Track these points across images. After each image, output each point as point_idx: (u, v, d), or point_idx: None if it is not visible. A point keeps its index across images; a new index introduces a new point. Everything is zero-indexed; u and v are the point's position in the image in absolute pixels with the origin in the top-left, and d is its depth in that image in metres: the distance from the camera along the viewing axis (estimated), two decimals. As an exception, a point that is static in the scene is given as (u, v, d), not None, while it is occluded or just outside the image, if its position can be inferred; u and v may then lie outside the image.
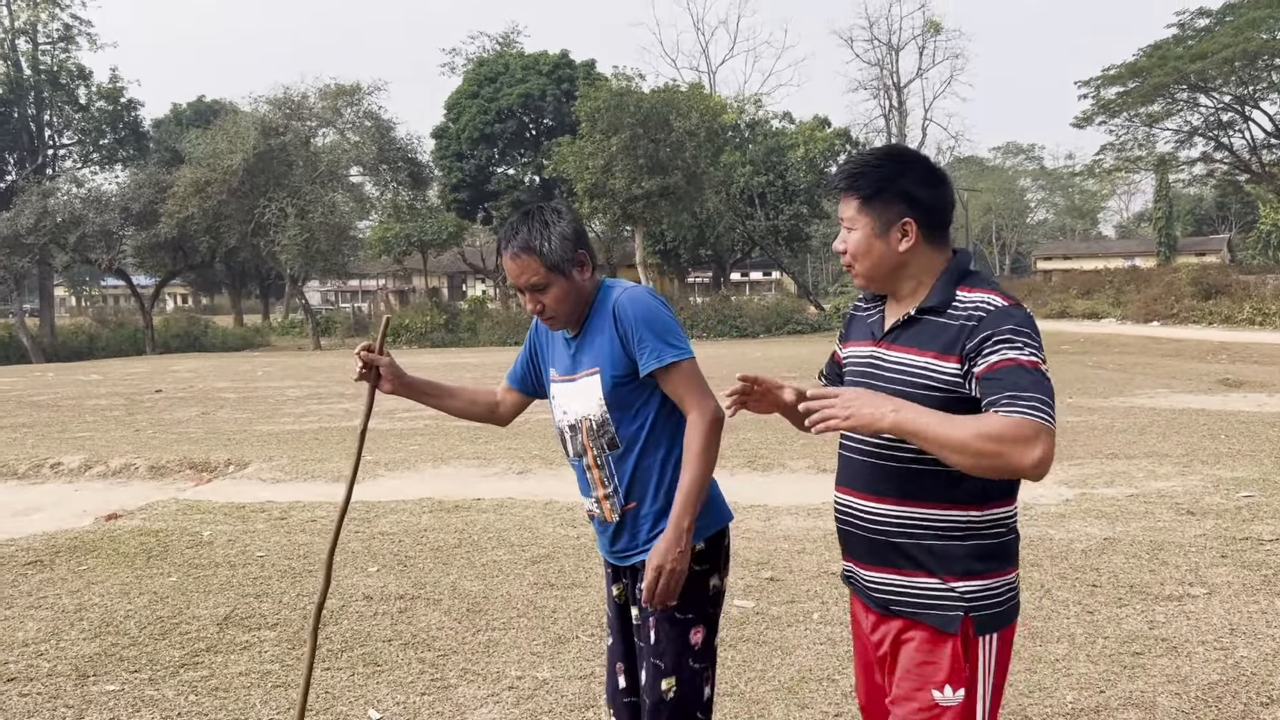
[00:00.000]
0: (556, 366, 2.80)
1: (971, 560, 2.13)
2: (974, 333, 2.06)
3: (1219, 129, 45.80)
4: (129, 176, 41.24)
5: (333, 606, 5.28)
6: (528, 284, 2.61)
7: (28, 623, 5.17)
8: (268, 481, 8.83)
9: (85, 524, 7.48)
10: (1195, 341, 24.93)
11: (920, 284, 2.21)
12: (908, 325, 2.19)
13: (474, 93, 44.01)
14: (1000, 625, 2.16)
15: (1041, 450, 1.91)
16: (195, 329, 45.50)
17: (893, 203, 2.18)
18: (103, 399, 16.80)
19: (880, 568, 2.22)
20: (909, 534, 2.17)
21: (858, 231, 2.22)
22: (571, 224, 2.64)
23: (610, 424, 2.64)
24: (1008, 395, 1.95)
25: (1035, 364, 2.00)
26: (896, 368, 2.18)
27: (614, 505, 2.69)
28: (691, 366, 2.60)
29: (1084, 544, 5.98)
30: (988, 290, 2.13)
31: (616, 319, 2.60)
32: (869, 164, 2.23)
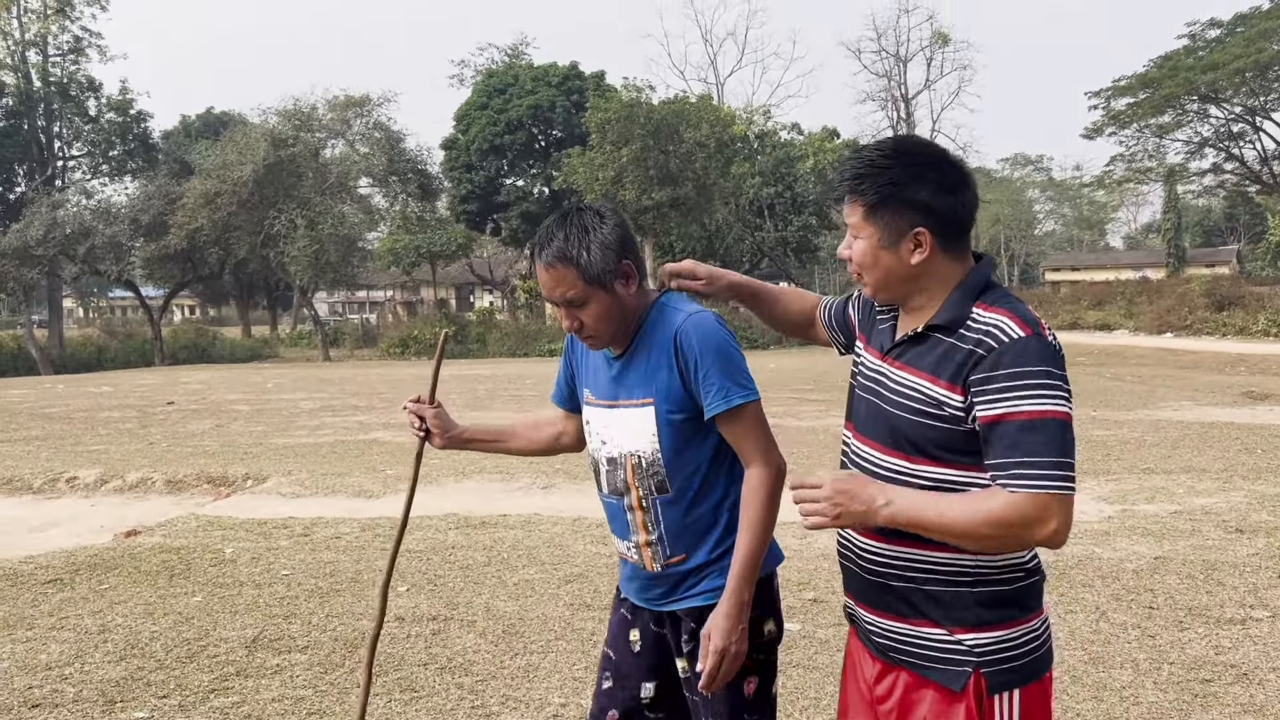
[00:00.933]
0: (593, 388, 2.50)
1: (981, 609, 1.89)
2: (980, 365, 1.82)
3: (1229, 140, 45.76)
4: (138, 188, 41.20)
5: (363, 628, 5.14)
6: (563, 298, 2.30)
7: (50, 645, 5.02)
8: (287, 496, 8.68)
9: (104, 540, 7.33)
10: (1212, 353, 24.72)
11: (935, 296, 1.96)
12: (915, 341, 1.96)
13: (483, 104, 43.96)
14: (1023, 680, 1.90)
15: (1056, 524, 1.74)
16: (204, 340, 45.47)
17: (903, 211, 1.92)
18: (115, 411, 16.67)
19: (880, 612, 2.01)
20: (910, 578, 1.94)
21: (863, 241, 1.97)
22: (615, 230, 2.30)
23: (661, 465, 2.34)
24: (1015, 461, 1.74)
25: (1050, 414, 1.75)
26: (900, 389, 1.96)
27: (656, 555, 2.40)
28: (758, 410, 2.31)
29: (1134, 564, 5.81)
30: (1007, 312, 1.86)
31: (679, 349, 2.29)
32: (875, 164, 1.94)
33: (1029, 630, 1.92)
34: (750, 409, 2.29)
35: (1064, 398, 1.78)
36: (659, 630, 2.48)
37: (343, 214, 37.98)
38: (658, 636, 2.48)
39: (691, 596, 2.38)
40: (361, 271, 42.70)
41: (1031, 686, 1.91)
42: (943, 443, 1.88)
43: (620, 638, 2.56)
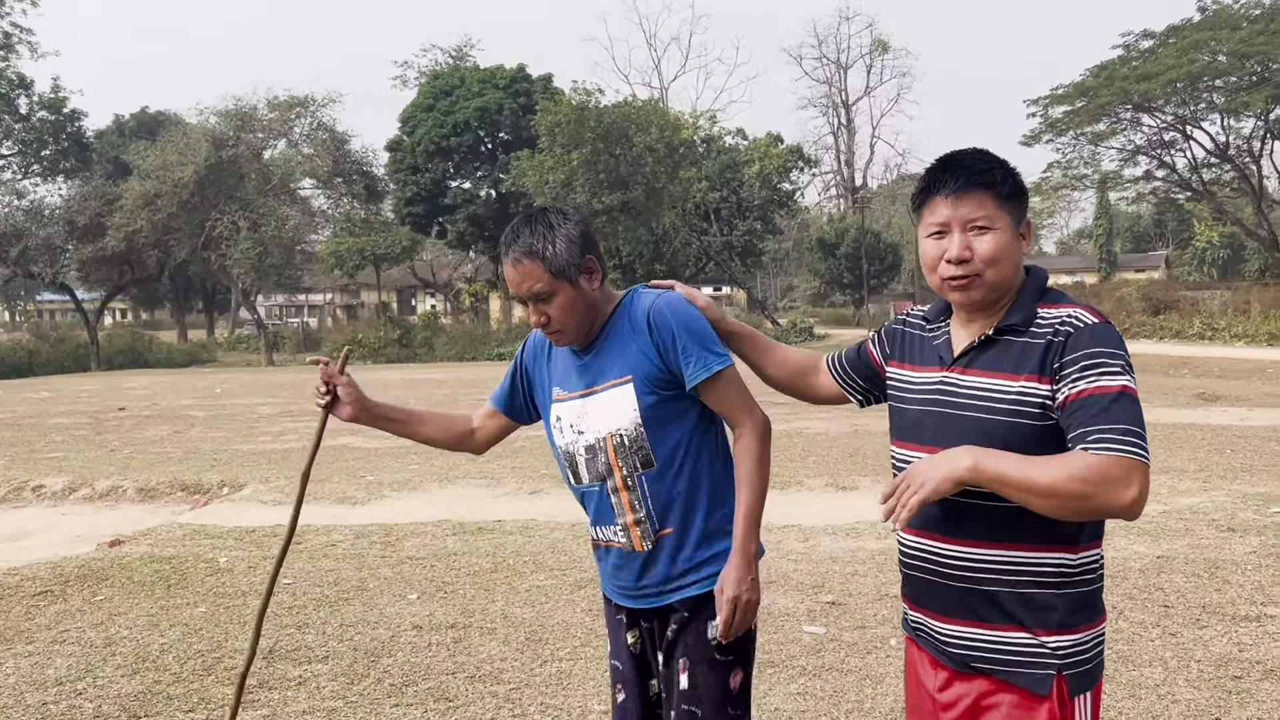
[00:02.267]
0: (562, 384, 2.53)
1: (1066, 611, 1.92)
2: (1063, 350, 1.87)
3: (1161, 148, 46.79)
4: (74, 189, 40.15)
5: (381, 637, 5.04)
6: (530, 292, 2.37)
7: (56, 659, 4.85)
8: (269, 504, 8.49)
9: (86, 550, 7.11)
10: (1153, 356, 25.33)
11: (1007, 300, 2.00)
12: (985, 347, 1.97)
13: (429, 105, 43.50)
14: (1092, 683, 1.95)
15: (1138, 488, 1.75)
16: (140, 345, 44.43)
17: (1022, 199, 2.00)
18: (65, 418, 16.20)
19: (962, 620, 1.98)
20: (1002, 581, 1.93)
21: (999, 232, 1.95)
22: (578, 226, 2.40)
23: (645, 440, 2.38)
24: (1098, 428, 1.77)
25: (1130, 390, 1.82)
26: (974, 394, 1.96)
27: (645, 532, 2.40)
28: (735, 374, 2.40)
29: (1139, 563, 5.91)
30: (1074, 305, 1.94)
31: (654, 326, 2.36)
32: (990, 158, 2.00)
33: (1100, 633, 1.97)
34: (729, 373, 2.38)
35: (1133, 376, 1.86)
36: (649, 626, 2.49)
37: (286, 216, 37.41)
38: (648, 631, 2.50)
39: (687, 587, 2.40)
40: (305, 274, 42.08)
41: (1097, 688, 1.97)
42: (1032, 437, 1.88)
43: (620, 645, 2.56)
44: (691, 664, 2.37)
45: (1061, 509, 1.78)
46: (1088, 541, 1.95)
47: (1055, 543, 1.90)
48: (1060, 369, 1.86)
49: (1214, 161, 46.01)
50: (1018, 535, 1.91)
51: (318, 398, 2.63)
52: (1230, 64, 39.35)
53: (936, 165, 2.04)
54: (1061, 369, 1.85)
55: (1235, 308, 32.80)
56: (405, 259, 48.74)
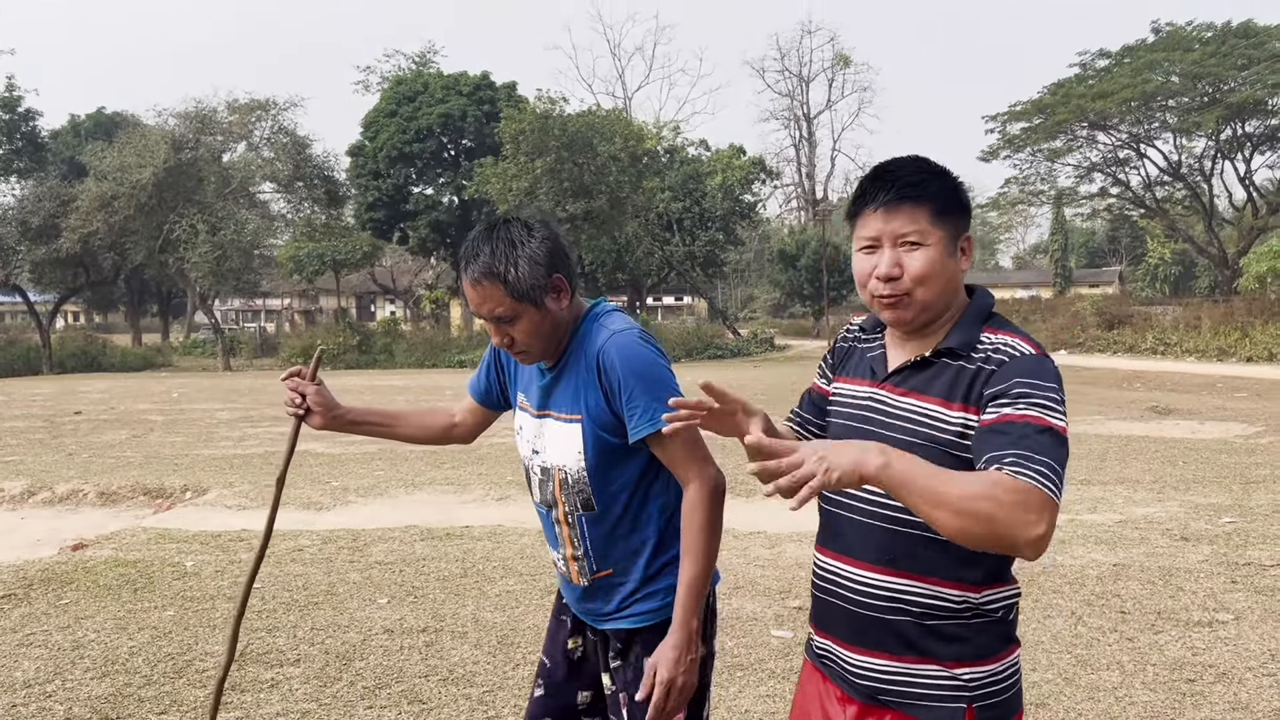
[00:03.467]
0: (527, 394, 2.45)
1: (979, 641, 1.84)
2: (993, 379, 1.75)
3: (1116, 165, 47.68)
4: (28, 189, 39.50)
5: (353, 640, 5.06)
6: (492, 315, 2.22)
7: (23, 661, 4.82)
8: (233, 509, 8.45)
9: (49, 554, 7.04)
10: (1107, 370, 25.76)
11: (947, 319, 1.89)
12: (920, 367, 1.87)
13: (392, 111, 43.32)
14: (1007, 714, 1.86)
15: (1046, 526, 1.58)
16: (93, 348, 43.70)
17: (960, 214, 1.86)
18: (18, 421, 15.97)
19: (871, 651, 1.88)
20: (912, 612, 1.84)
21: (931, 248, 1.82)
22: (545, 242, 2.20)
23: (587, 484, 2.28)
24: (1019, 454, 1.62)
25: (1060, 429, 1.68)
26: (902, 414, 1.86)
27: (583, 569, 2.35)
28: (689, 429, 2.16)
29: (1096, 570, 6.06)
30: (1015, 334, 1.83)
31: (602, 369, 2.22)
32: (926, 170, 1.87)
33: (1013, 663, 1.89)
34: None
35: (1064, 415, 1.72)
36: (595, 639, 2.46)
37: (245, 219, 37.02)
38: (595, 645, 2.46)
39: (621, 618, 2.34)
40: (263, 278, 41.67)
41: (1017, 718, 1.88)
42: (954, 468, 1.71)
43: (558, 645, 2.53)
44: (630, 700, 2.29)
45: (965, 530, 1.57)
46: (1006, 579, 1.87)
47: (967, 582, 1.82)
48: (992, 396, 1.74)
49: (1167, 179, 46.99)
50: (930, 567, 1.82)
51: (290, 407, 2.54)
52: (1183, 84, 40.24)
53: (870, 175, 1.91)
54: (991, 395, 1.74)
55: (1187, 323, 33.36)
56: (365, 265, 48.50)
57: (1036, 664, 4.60)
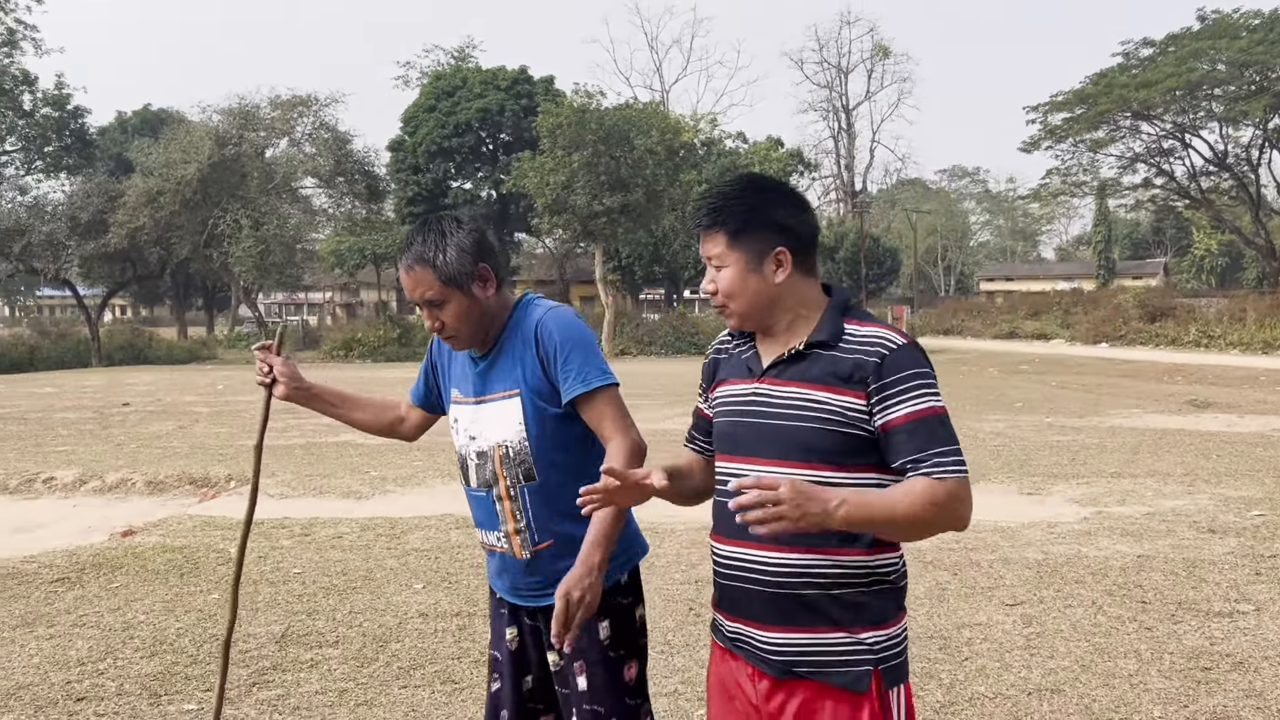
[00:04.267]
0: (460, 387, 2.60)
1: (877, 607, 2.00)
2: (879, 371, 1.94)
3: (1160, 156, 47.11)
4: (77, 185, 40.32)
5: (389, 624, 5.24)
6: (423, 298, 2.43)
7: (77, 641, 5.05)
8: (275, 497, 8.69)
9: (99, 540, 7.30)
10: (1149, 363, 25.55)
11: (798, 316, 2.08)
12: (796, 360, 2.04)
13: (431, 106, 43.80)
14: (902, 677, 2.03)
15: (969, 506, 1.92)
16: (140, 341, 44.55)
17: (762, 233, 2.05)
18: (70, 413, 16.40)
19: (783, 627, 2.01)
20: (818, 584, 1.98)
21: (729, 269, 2.06)
22: (472, 234, 2.43)
23: (528, 453, 2.45)
24: (933, 454, 1.90)
25: (943, 410, 1.95)
26: (787, 403, 2.01)
27: (525, 541, 2.48)
28: (615, 394, 2.45)
29: (1119, 561, 6.12)
30: (881, 325, 2.03)
31: (540, 340, 2.43)
32: (729, 196, 2.08)
33: (904, 627, 2.04)
34: (607, 392, 2.43)
35: (942, 396, 1.99)
36: (533, 624, 2.56)
37: (287, 214, 37.59)
38: (533, 629, 2.57)
39: None
40: (305, 272, 42.26)
41: (908, 682, 2.05)
42: (840, 448, 1.96)
43: (500, 637, 2.66)
44: (588, 666, 2.44)
45: (918, 533, 1.92)
46: (878, 546, 2.00)
47: (857, 546, 1.97)
48: (879, 390, 1.94)
49: (1212, 170, 46.33)
50: (830, 540, 1.96)
51: (259, 376, 2.74)
52: (1229, 73, 39.64)
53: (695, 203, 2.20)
54: (880, 390, 1.94)
55: (1231, 315, 32.96)
56: (405, 258, 48.93)
57: (1054, 651, 4.68)
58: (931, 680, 4.39)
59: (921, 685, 4.32)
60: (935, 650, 4.75)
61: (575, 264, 53.09)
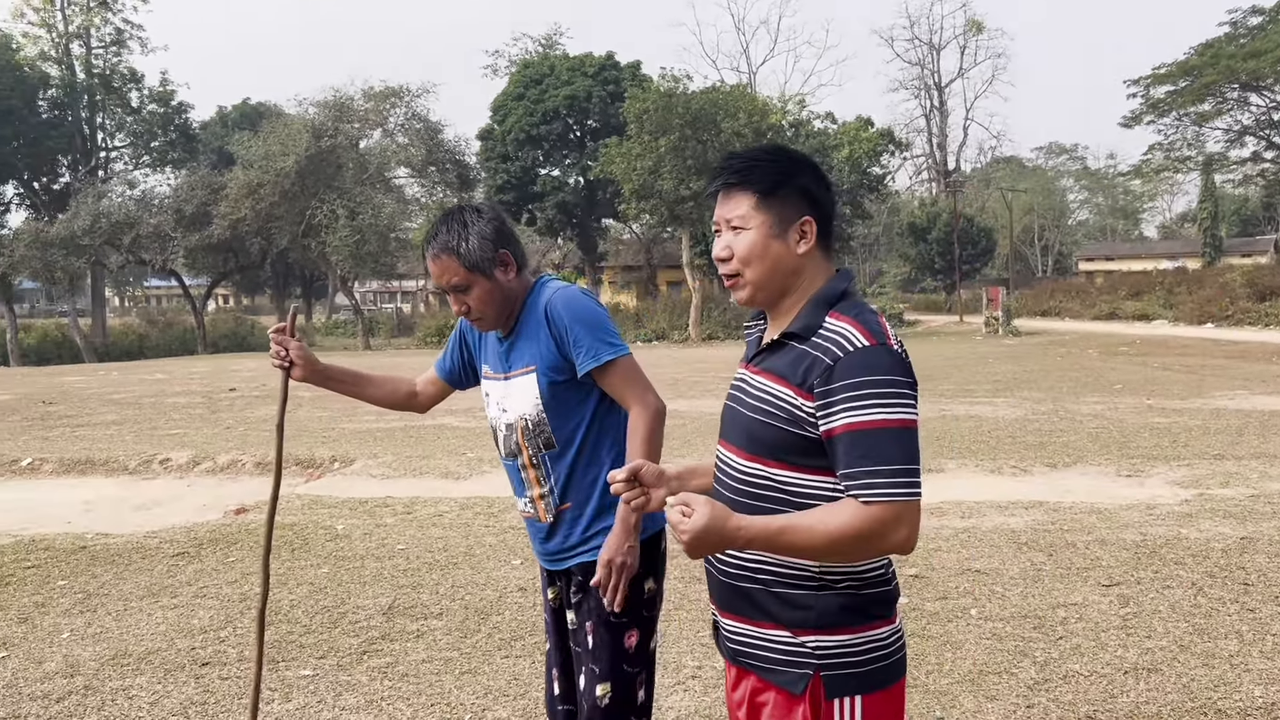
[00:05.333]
0: (489, 363, 2.78)
1: (824, 611, 1.90)
2: (829, 375, 1.82)
3: (1271, 128, 45.37)
4: (182, 178, 41.80)
5: (490, 597, 5.43)
6: (449, 285, 2.59)
7: (199, 611, 5.34)
8: (378, 478, 8.99)
9: (214, 518, 7.66)
10: (1258, 344, 24.68)
11: (801, 299, 1.99)
12: (774, 349, 1.98)
13: (520, 94, 44.27)
14: (865, 688, 1.89)
15: (906, 530, 1.77)
16: (242, 329, 46.19)
17: (792, 199, 1.96)
18: (180, 398, 17.09)
19: (733, 615, 2.02)
20: (759, 580, 1.95)
21: (751, 231, 1.95)
22: (492, 223, 2.60)
23: (546, 424, 2.61)
24: (866, 472, 1.76)
25: (894, 422, 1.78)
26: (756, 393, 1.97)
27: (549, 505, 2.67)
28: (629, 363, 2.58)
29: (1221, 544, 6.02)
30: (853, 321, 1.87)
31: (549, 319, 2.57)
32: (760, 159, 1.99)
33: (874, 637, 1.91)
34: (621, 362, 2.56)
35: (908, 405, 1.81)
36: (561, 584, 2.74)
37: (382, 204, 38.42)
38: (562, 590, 2.74)
39: (581, 552, 2.63)
40: (399, 261, 43.16)
41: (877, 695, 1.91)
42: (792, 447, 1.89)
43: (544, 600, 2.85)
44: (595, 625, 2.58)
45: (842, 559, 1.85)
46: None
47: None
48: (825, 394, 1.83)
49: (1327, 142, 44.50)
50: None
51: (275, 361, 2.83)
52: (1344, 40, 37.99)
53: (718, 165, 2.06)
54: (826, 394, 1.83)
55: (1347, 294, 31.63)
56: (496, 246, 49.61)
57: (1151, 631, 4.66)
58: (1025, 658, 4.40)
59: (1014, 663, 4.35)
60: (1029, 629, 4.75)
61: (662, 249, 53.12)
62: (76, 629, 5.13)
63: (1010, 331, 33.12)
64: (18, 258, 37.23)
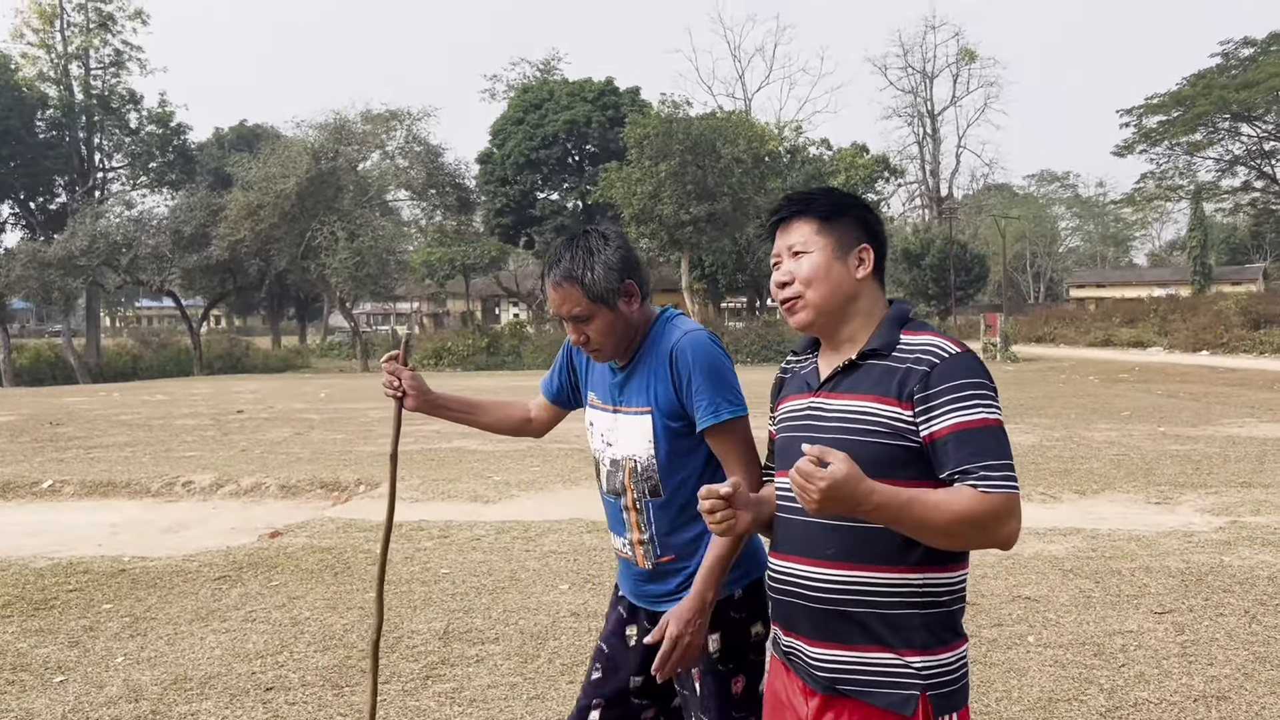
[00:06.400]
0: (596, 391, 2.67)
1: (928, 631, 1.95)
2: (927, 380, 1.91)
3: (1261, 158, 45.84)
4: (180, 199, 41.78)
5: (544, 622, 5.42)
6: (570, 314, 2.47)
7: (252, 635, 5.32)
8: (406, 501, 8.97)
9: (248, 541, 7.64)
10: (1256, 371, 24.84)
11: (863, 327, 2.07)
12: (849, 371, 2.03)
13: (519, 119, 44.49)
14: (957, 705, 1.97)
15: (1016, 523, 1.85)
16: (237, 350, 46.03)
17: (850, 226, 2.08)
18: (188, 419, 17.04)
19: (828, 643, 2.00)
20: (864, 602, 1.96)
21: (814, 254, 2.05)
22: (619, 251, 2.47)
23: (656, 470, 2.50)
24: (980, 465, 1.84)
25: (992, 422, 1.89)
26: (837, 415, 2.00)
27: (648, 553, 2.56)
28: (744, 426, 2.45)
29: (1266, 571, 6.05)
30: (935, 334, 2.00)
31: (674, 364, 2.44)
32: (816, 192, 2.12)
33: (961, 655, 2.00)
34: (737, 424, 2.43)
35: (999, 407, 1.93)
36: (649, 626, 2.59)
37: (382, 226, 38.48)
38: (648, 631, 2.58)
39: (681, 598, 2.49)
40: (400, 283, 43.18)
41: (964, 712, 1.99)
42: (894, 460, 1.92)
43: (616, 633, 2.71)
44: (701, 673, 2.48)
45: (951, 544, 1.88)
46: (953, 562, 1.98)
47: (911, 564, 1.94)
48: (925, 399, 1.90)
49: (1318, 171, 44.95)
50: (870, 556, 1.95)
51: (389, 390, 2.79)
52: (1335, 72, 38.44)
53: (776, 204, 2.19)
54: (926, 399, 1.90)
55: (1341, 322, 31.90)
56: (493, 269, 49.73)
57: (1213, 659, 4.68)
58: (1091, 686, 4.42)
59: (1082, 690, 4.37)
60: (1090, 656, 4.77)
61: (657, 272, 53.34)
62: (130, 653, 5.10)
63: (1009, 357, 33.27)
64: (14, 277, 37.14)
